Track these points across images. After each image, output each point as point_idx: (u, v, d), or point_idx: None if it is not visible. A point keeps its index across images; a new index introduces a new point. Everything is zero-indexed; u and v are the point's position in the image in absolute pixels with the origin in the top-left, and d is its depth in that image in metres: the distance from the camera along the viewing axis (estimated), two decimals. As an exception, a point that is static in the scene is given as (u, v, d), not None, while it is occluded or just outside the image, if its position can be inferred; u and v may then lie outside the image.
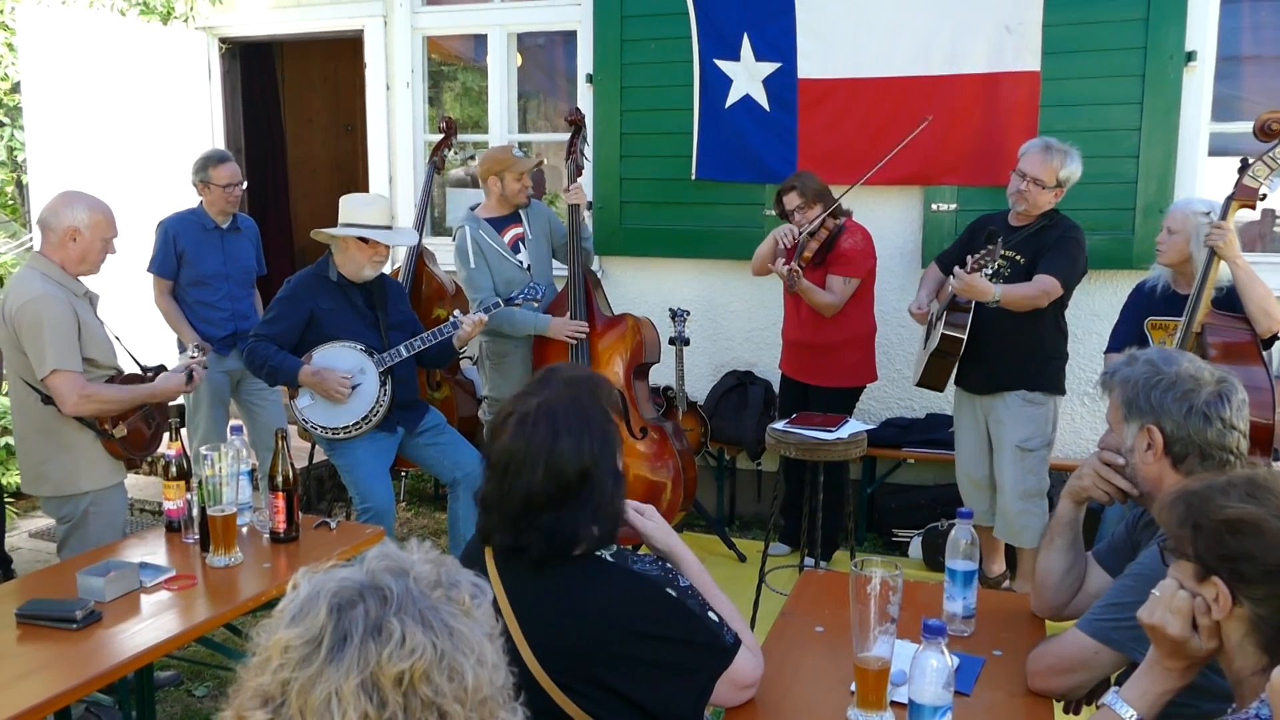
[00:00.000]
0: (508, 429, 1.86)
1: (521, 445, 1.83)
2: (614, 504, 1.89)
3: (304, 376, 3.98)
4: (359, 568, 1.15)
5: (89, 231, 3.49)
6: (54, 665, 2.38)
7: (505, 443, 1.85)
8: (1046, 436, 4.30)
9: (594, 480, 1.83)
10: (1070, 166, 4.07)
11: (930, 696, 1.77)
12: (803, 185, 4.63)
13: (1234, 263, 3.58)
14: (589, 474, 1.83)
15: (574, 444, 1.83)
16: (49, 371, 3.33)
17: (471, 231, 4.74)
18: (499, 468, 1.85)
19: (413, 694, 1.06)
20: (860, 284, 4.64)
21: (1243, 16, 4.97)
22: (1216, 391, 2.00)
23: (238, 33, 6.77)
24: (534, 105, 6.75)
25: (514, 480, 1.82)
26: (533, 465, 1.81)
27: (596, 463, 1.84)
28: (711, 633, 1.87)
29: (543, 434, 1.82)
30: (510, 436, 1.85)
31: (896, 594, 1.90)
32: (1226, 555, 1.53)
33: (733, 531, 5.48)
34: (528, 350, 4.91)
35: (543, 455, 1.81)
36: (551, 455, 1.81)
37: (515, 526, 1.83)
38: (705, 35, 5.44)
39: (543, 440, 1.82)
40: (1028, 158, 4.11)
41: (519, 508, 1.82)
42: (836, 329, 4.66)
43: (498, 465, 1.86)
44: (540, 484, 1.80)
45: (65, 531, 3.55)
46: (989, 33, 4.95)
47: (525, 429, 1.84)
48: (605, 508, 1.86)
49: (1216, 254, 3.57)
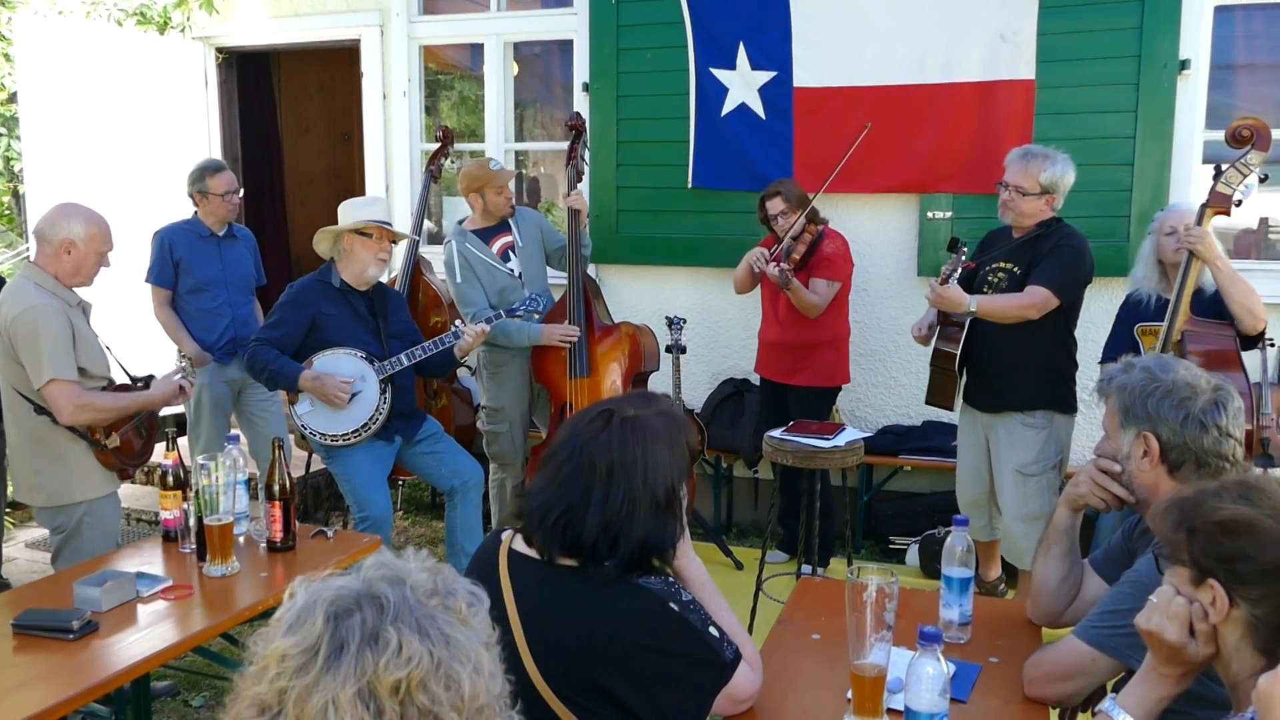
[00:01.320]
0: (610, 428, 1.88)
1: (634, 451, 1.85)
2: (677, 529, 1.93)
3: (304, 381, 3.98)
4: (356, 576, 1.16)
5: (84, 244, 3.49)
6: (50, 676, 2.37)
7: (612, 445, 1.86)
8: (1050, 460, 4.07)
9: (677, 502, 1.91)
10: (1051, 170, 3.91)
11: (926, 704, 1.77)
12: (787, 191, 4.71)
13: (1213, 264, 3.57)
14: (674, 494, 1.90)
15: (674, 464, 1.89)
16: (46, 381, 3.33)
17: (458, 245, 4.75)
18: (599, 468, 1.85)
19: (409, 702, 1.06)
20: (840, 287, 4.72)
21: (1236, 25, 4.99)
22: (1213, 399, 2.01)
23: (234, 42, 6.78)
24: (530, 114, 6.76)
25: (614, 484, 1.84)
26: (642, 472, 1.85)
27: (672, 495, 1.90)
28: (711, 648, 1.87)
29: (655, 445, 1.87)
30: (619, 441, 1.86)
31: (893, 601, 1.91)
32: (1222, 556, 1.53)
33: (730, 539, 5.47)
34: (525, 360, 4.91)
35: (649, 466, 1.86)
36: (645, 473, 1.85)
37: (606, 532, 1.83)
38: (701, 44, 5.46)
39: (654, 451, 1.87)
40: (1009, 167, 4.02)
41: (613, 513, 1.83)
42: (814, 330, 4.72)
43: (596, 464, 1.85)
44: (629, 497, 1.84)
45: (60, 542, 3.55)
46: (984, 41, 4.97)
47: (631, 435, 1.87)
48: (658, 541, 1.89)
49: (1196, 257, 3.57)
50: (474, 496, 4.35)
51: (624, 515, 1.82)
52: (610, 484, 1.83)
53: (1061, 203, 4.02)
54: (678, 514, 1.92)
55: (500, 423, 4.96)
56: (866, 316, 5.43)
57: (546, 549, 1.85)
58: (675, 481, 1.89)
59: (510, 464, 5.05)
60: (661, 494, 1.86)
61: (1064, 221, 4.04)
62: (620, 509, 1.82)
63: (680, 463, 1.91)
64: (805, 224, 4.64)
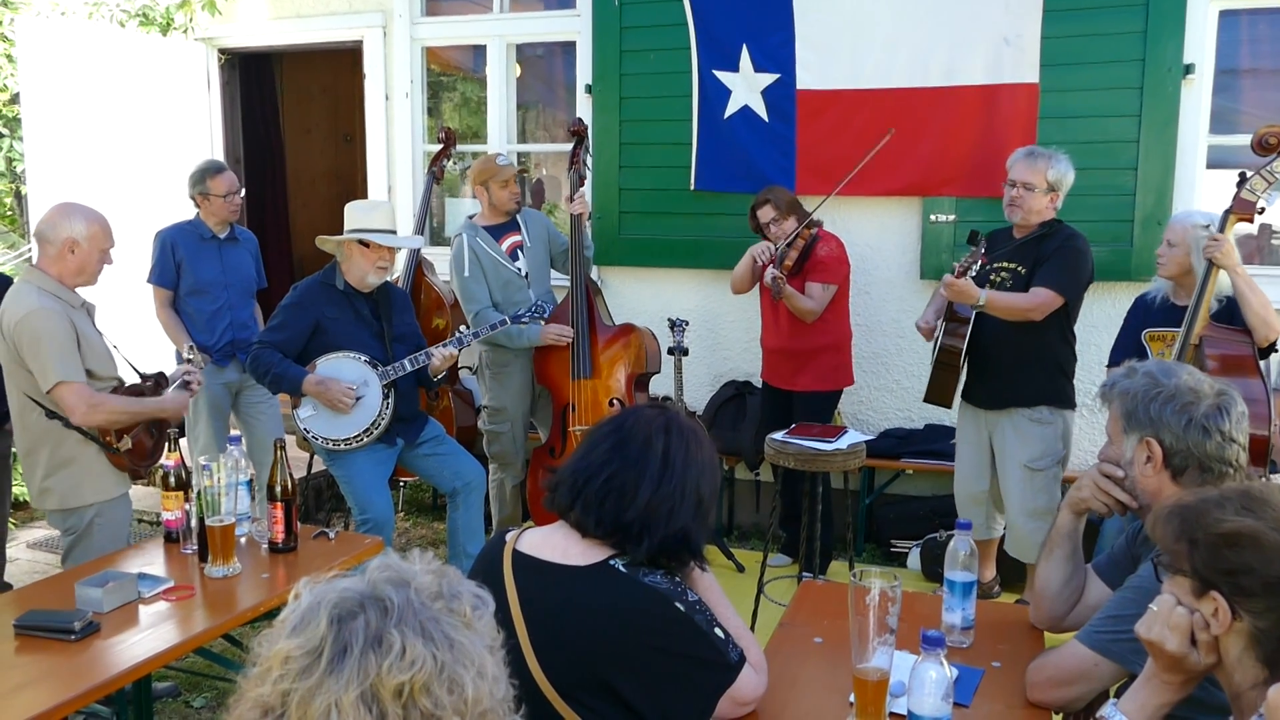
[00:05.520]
0: (673, 425, 1.94)
1: (691, 448, 1.93)
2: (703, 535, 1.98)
3: (308, 385, 3.97)
4: (361, 578, 1.15)
5: (87, 243, 3.48)
6: (52, 676, 2.37)
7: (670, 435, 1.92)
8: (1057, 454, 4.19)
9: (711, 510, 1.99)
10: (1058, 168, 4.03)
11: (929, 708, 1.77)
12: (776, 199, 4.72)
13: (1234, 272, 3.59)
14: (712, 503, 1.98)
15: (716, 476, 1.99)
16: (54, 384, 3.32)
17: (469, 239, 4.75)
18: (657, 453, 1.90)
19: (412, 706, 1.06)
20: (837, 290, 4.71)
21: (1241, 29, 4.98)
22: (1216, 404, 2.00)
23: (237, 43, 6.79)
24: (533, 116, 6.76)
25: (668, 472, 1.89)
26: (696, 468, 1.92)
27: (708, 503, 1.97)
28: (717, 649, 1.86)
29: (705, 450, 1.96)
30: (679, 436, 1.93)
31: (895, 605, 1.90)
32: (1225, 569, 1.52)
33: (731, 542, 5.47)
34: (527, 360, 4.92)
35: (701, 465, 1.94)
36: (698, 474, 1.93)
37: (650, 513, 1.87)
38: (704, 46, 5.46)
39: (705, 455, 1.95)
40: (1015, 166, 4.11)
41: (674, 497, 1.88)
42: (815, 335, 4.72)
43: (656, 448, 1.90)
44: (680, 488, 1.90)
45: (70, 543, 3.54)
46: (988, 45, 4.97)
47: (690, 434, 1.95)
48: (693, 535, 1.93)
49: (1215, 265, 3.57)
50: (476, 498, 4.35)
51: (674, 502, 1.88)
52: (666, 469, 1.89)
53: (1062, 203, 4.11)
54: (710, 523, 2.00)
55: (501, 423, 4.97)
56: (869, 319, 5.43)
57: (583, 517, 1.88)
58: (715, 491, 1.98)
59: (510, 464, 5.06)
60: (707, 495, 1.94)
61: (1064, 223, 4.11)
62: (673, 494, 1.88)
63: (716, 478, 2.00)
64: (799, 228, 4.65)
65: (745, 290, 4.93)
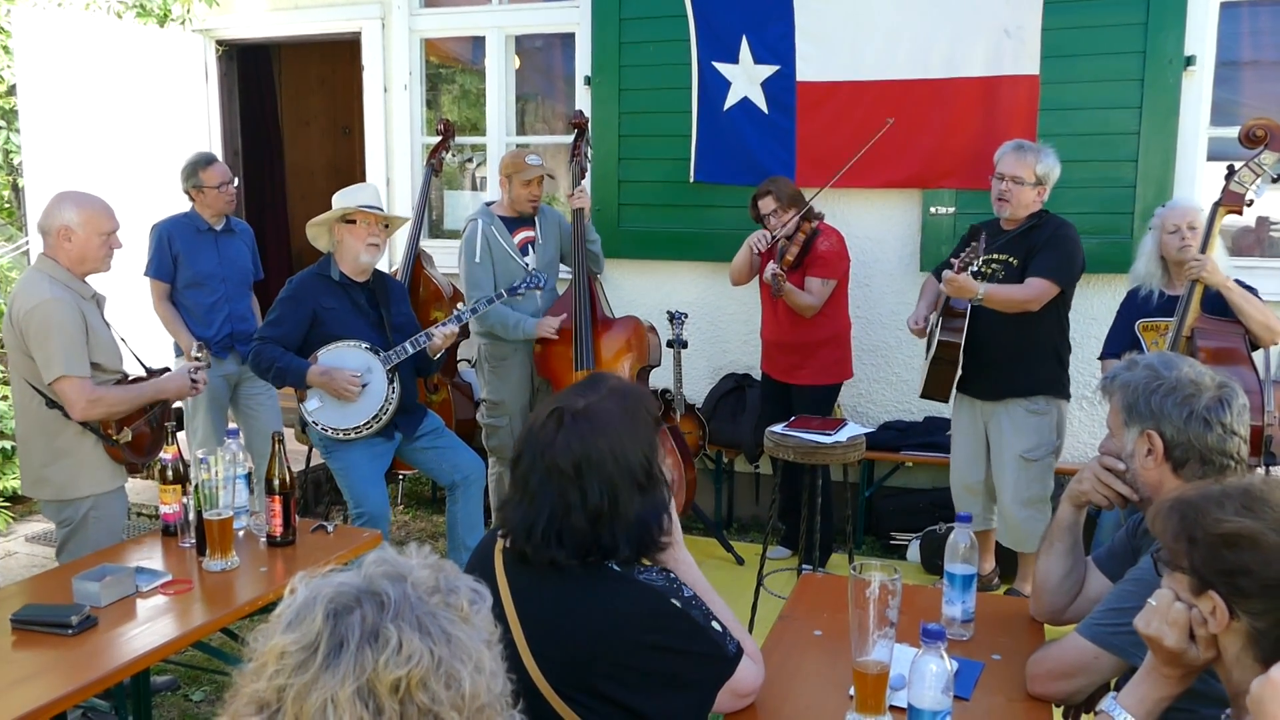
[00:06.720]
0: (565, 427, 1.82)
1: (594, 442, 1.80)
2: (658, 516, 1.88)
3: (312, 377, 3.96)
4: (357, 573, 1.15)
5: (82, 229, 3.41)
6: (49, 671, 2.37)
7: (572, 444, 1.80)
8: (1052, 444, 4.24)
9: (657, 470, 1.87)
10: (1046, 162, 4.09)
11: (929, 701, 1.77)
12: (778, 190, 4.71)
13: (1223, 289, 3.67)
14: (651, 465, 1.86)
15: (641, 439, 1.85)
16: (56, 377, 3.30)
17: (484, 225, 4.74)
18: (566, 470, 1.79)
19: (409, 701, 1.05)
20: (836, 284, 4.70)
21: (1242, 21, 4.97)
22: (1217, 396, 2.00)
23: (235, 35, 6.77)
24: (532, 107, 6.74)
25: (587, 481, 1.79)
26: (610, 459, 1.80)
27: (650, 470, 1.86)
28: (715, 643, 1.86)
29: (614, 429, 1.82)
30: (577, 438, 1.81)
31: (895, 598, 1.90)
32: (1224, 570, 1.51)
33: (731, 534, 5.47)
34: (526, 353, 4.91)
35: (615, 452, 1.81)
36: (615, 460, 1.80)
37: (596, 528, 1.80)
38: (704, 38, 5.44)
39: (614, 435, 1.82)
40: (1003, 160, 4.16)
41: (596, 509, 1.79)
42: (814, 329, 4.71)
43: (562, 467, 1.80)
44: (607, 487, 1.79)
45: (65, 535, 3.52)
46: (988, 36, 4.95)
47: (587, 427, 1.82)
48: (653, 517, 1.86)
49: (1202, 283, 3.63)
50: (475, 491, 4.35)
51: (608, 507, 1.79)
52: (583, 482, 1.79)
53: (1049, 195, 4.16)
54: (661, 481, 1.89)
55: (500, 416, 4.96)
56: (868, 312, 5.42)
57: (542, 560, 1.81)
58: (648, 454, 1.86)
59: (509, 458, 5.04)
60: (640, 472, 1.83)
61: (1052, 213, 4.18)
62: (602, 502, 1.79)
63: (646, 434, 1.87)
64: (799, 222, 4.63)
65: (744, 281, 4.92)
